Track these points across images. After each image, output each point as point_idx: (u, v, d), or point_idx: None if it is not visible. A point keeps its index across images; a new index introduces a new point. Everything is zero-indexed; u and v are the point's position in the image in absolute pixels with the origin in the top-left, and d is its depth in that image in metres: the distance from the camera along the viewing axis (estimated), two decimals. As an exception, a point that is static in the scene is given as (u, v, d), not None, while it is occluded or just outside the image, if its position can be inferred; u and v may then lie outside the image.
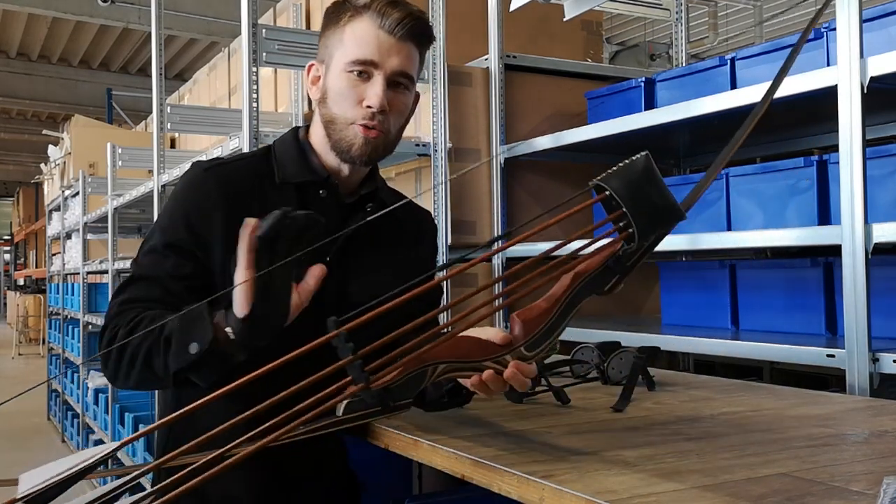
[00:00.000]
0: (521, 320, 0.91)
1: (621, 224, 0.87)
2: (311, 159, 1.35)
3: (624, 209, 0.85)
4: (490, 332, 0.97)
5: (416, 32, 1.29)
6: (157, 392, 1.18)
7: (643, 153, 0.88)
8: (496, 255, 2.52)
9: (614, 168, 0.87)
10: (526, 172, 2.73)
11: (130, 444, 4.09)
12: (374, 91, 1.26)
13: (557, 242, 0.90)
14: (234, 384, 0.74)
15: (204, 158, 1.56)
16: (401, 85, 1.30)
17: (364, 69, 1.26)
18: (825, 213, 1.84)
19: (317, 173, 1.34)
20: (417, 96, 1.39)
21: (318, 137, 1.35)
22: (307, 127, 1.39)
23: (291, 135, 1.40)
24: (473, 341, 0.92)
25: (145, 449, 3.83)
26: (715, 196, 2.05)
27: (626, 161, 0.87)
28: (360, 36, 1.27)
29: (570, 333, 2.15)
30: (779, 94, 1.72)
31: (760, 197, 1.96)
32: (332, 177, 1.34)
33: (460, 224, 2.63)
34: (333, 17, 1.32)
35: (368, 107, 1.26)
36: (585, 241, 0.88)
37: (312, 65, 1.36)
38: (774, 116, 2.18)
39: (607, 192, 0.86)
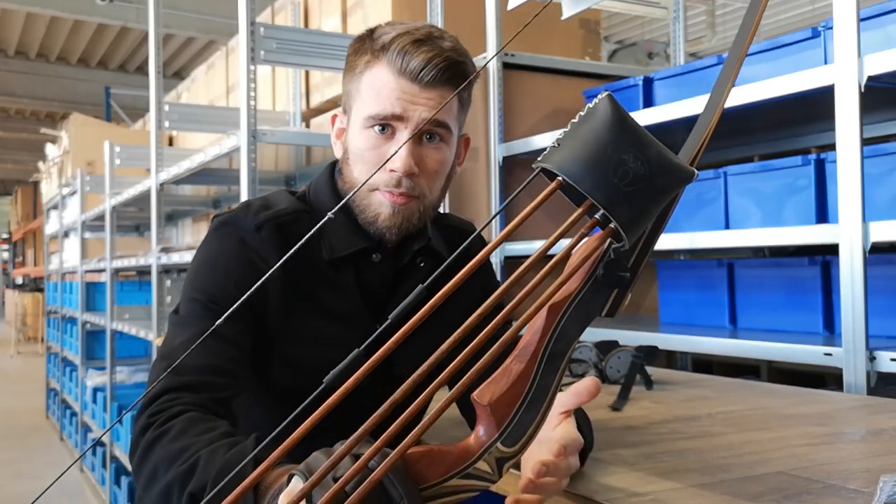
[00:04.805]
0: (487, 403, 0.62)
1: (597, 217, 0.58)
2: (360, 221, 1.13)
3: (589, 197, 0.56)
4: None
5: (449, 75, 1.06)
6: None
7: (602, 95, 0.58)
8: (495, 254, 2.52)
9: (560, 136, 0.58)
10: (524, 171, 2.72)
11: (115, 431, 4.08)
12: (399, 152, 1.05)
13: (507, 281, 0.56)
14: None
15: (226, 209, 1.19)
16: (435, 137, 1.10)
17: (386, 124, 1.07)
18: (823, 212, 1.84)
19: (369, 238, 1.13)
20: (467, 141, 1.20)
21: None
22: (340, 172, 1.18)
23: (329, 190, 1.18)
24: (422, 454, 0.61)
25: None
26: (713, 195, 2.05)
27: (575, 120, 0.58)
28: (379, 86, 1.06)
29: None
30: (777, 92, 1.73)
31: (758, 196, 1.97)
32: (384, 238, 1.13)
33: (458, 223, 2.62)
34: (352, 59, 1.12)
35: (392, 170, 1.06)
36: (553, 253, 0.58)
37: (336, 115, 1.17)
38: (772, 115, 2.18)
39: (560, 178, 0.57)
